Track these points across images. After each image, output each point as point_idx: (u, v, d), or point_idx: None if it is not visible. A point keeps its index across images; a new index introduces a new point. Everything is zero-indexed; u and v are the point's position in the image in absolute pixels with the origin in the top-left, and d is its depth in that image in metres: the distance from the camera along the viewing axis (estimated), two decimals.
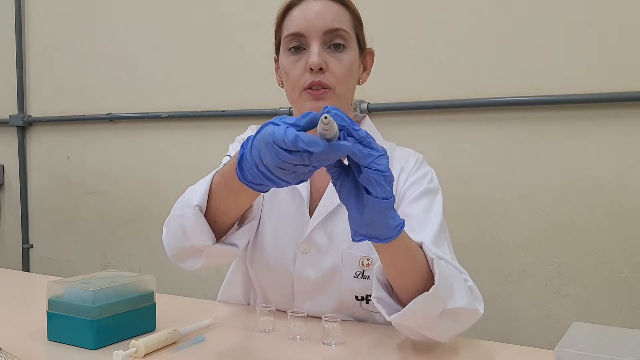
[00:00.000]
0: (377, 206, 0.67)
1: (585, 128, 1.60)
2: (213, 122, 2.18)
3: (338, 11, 0.97)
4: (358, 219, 0.69)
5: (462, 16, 1.74)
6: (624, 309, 1.57)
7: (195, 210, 0.84)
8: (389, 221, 0.70)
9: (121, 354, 0.78)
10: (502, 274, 1.70)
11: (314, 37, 0.95)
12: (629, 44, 1.55)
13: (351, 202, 0.69)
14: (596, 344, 0.69)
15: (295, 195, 1.05)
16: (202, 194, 0.84)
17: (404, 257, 0.79)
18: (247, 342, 0.91)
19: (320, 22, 0.95)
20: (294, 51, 0.98)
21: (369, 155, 0.65)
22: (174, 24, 2.26)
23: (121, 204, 2.42)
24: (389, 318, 0.82)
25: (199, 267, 0.92)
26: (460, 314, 0.83)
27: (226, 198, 0.83)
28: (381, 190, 0.66)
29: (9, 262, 2.67)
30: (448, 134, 1.77)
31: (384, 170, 0.66)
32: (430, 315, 0.80)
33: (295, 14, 0.98)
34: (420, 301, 0.78)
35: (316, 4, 0.97)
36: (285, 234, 1.04)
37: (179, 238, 0.88)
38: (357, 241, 0.72)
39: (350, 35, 0.98)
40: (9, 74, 2.64)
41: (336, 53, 0.97)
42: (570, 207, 1.62)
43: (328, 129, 0.61)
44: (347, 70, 0.97)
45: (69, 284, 0.88)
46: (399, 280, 0.82)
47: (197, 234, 0.85)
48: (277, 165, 0.64)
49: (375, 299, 0.84)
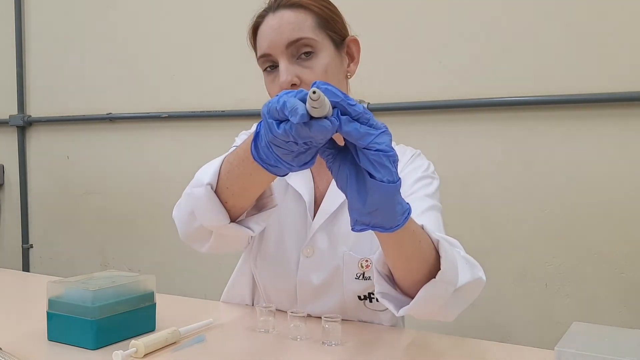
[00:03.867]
0: (382, 191, 0.60)
1: (585, 128, 1.60)
2: (213, 122, 2.18)
3: (296, 19, 0.93)
4: (360, 207, 0.62)
5: (462, 16, 1.74)
6: (624, 309, 1.57)
7: (207, 189, 0.81)
8: (396, 207, 0.64)
9: (121, 354, 0.78)
10: (502, 273, 1.70)
11: (279, 53, 0.93)
12: (629, 44, 1.55)
13: (351, 188, 0.62)
14: (596, 344, 0.69)
15: (299, 198, 1.04)
16: (213, 173, 0.81)
17: (409, 244, 0.73)
18: (247, 342, 0.91)
19: (280, 38, 0.92)
20: (270, 70, 0.96)
21: (367, 135, 0.58)
22: (174, 24, 2.26)
23: (121, 204, 2.42)
24: (398, 313, 0.78)
25: (204, 251, 0.90)
26: (466, 288, 0.81)
27: (239, 178, 0.78)
28: (386, 173, 0.59)
29: (9, 262, 2.67)
30: (448, 134, 1.77)
31: (387, 150, 0.58)
32: (440, 301, 0.78)
33: (260, 33, 0.96)
34: (430, 288, 0.75)
35: (274, 19, 0.94)
36: (288, 238, 1.04)
37: (188, 218, 0.87)
38: (358, 231, 0.65)
39: (315, 40, 0.93)
40: (9, 74, 2.64)
41: (307, 61, 0.93)
42: (570, 207, 1.62)
43: (318, 105, 0.55)
44: (321, 75, 0.93)
45: (69, 284, 0.88)
46: (403, 269, 0.77)
47: (207, 213, 0.83)
48: (271, 141, 0.60)
49: (379, 295, 0.81)
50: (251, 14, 1.01)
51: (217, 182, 0.81)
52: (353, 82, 1.05)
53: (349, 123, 0.58)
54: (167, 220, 2.05)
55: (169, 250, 2.26)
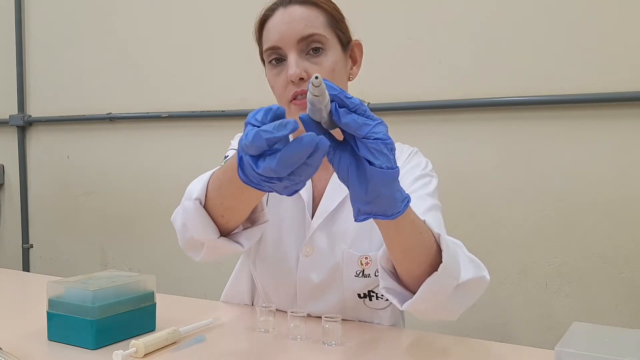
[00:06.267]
0: (382, 178, 0.62)
1: (585, 128, 1.60)
2: (213, 122, 2.18)
3: (309, 15, 0.94)
4: (361, 196, 0.63)
5: (462, 16, 1.74)
6: (624, 309, 1.57)
7: (195, 204, 0.84)
8: (395, 194, 0.66)
9: (121, 354, 0.78)
10: (502, 273, 1.70)
11: (289, 47, 0.93)
12: (629, 44, 1.55)
13: (352, 178, 0.63)
14: (596, 344, 0.69)
15: (298, 198, 1.05)
16: (201, 188, 0.84)
17: (410, 234, 0.75)
18: (247, 342, 0.91)
19: (292, 32, 0.93)
20: (275, 63, 0.96)
21: (365, 125, 0.60)
22: (174, 24, 2.26)
23: (121, 204, 2.42)
24: (402, 308, 0.79)
25: (199, 261, 0.93)
26: (469, 285, 0.82)
27: (232, 195, 0.81)
28: (385, 160, 0.61)
29: (9, 262, 2.67)
30: (448, 134, 1.77)
31: (385, 138, 0.61)
32: (443, 295, 0.78)
33: (269, 26, 0.97)
34: (432, 282, 0.76)
35: (286, 13, 0.95)
36: (287, 238, 1.04)
37: (182, 228, 0.90)
38: (360, 220, 0.66)
39: (326, 37, 0.95)
40: (9, 74, 2.64)
41: (316, 58, 0.94)
42: (570, 207, 1.62)
43: (319, 93, 0.55)
44: (329, 72, 0.95)
45: (69, 284, 0.88)
46: (405, 261, 0.78)
47: (196, 227, 0.85)
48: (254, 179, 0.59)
49: (384, 290, 0.82)
50: (252, 13, 1.01)
51: (208, 197, 0.84)
52: (354, 82, 1.06)
53: (347, 115, 0.60)
54: (167, 220, 2.05)
55: (169, 250, 2.26)
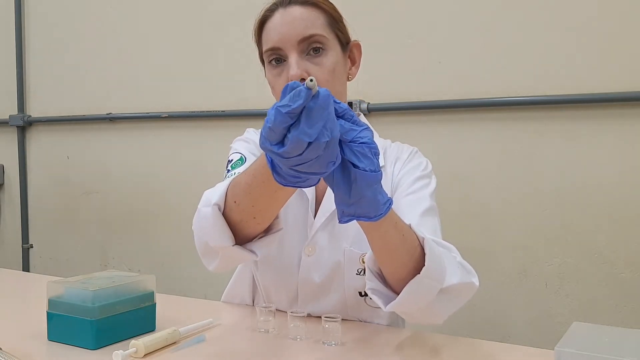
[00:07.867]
0: (366, 180, 0.65)
1: (585, 128, 1.60)
2: (213, 122, 2.18)
3: (310, 16, 0.95)
4: (345, 198, 0.67)
5: (462, 16, 1.74)
6: (624, 309, 1.57)
7: (214, 209, 0.83)
8: (378, 197, 0.68)
9: (121, 354, 0.78)
10: (502, 274, 1.70)
11: (289, 48, 0.93)
12: (629, 44, 1.55)
13: (337, 181, 0.66)
14: (596, 344, 0.69)
15: (302, 197, 1.05)
16: (220, 194, 0.84)
17: (393, 236, 0.77)
18: (247, 342, 0.91)
19: (293, 32, 0.93)
20: (275, 64, 0.96)
21: (352, 130, 0.64)
22: (173, 24, 2.26)
23: (121, 204, 2.42)
24: (385, 309, 0.82)
25: (212, 270, 0.91)
26: (456, 290, 0.83)
27: (265, 195, 0.80)
28: (369, 163, 0.64)
29: (9, 262, 2.66)
30: (448, 134, 1.77)
31: (369, 142, 0.64)
32: (426, 298, 0.80)
33: (269, 27, 0.97)
34: (415, 285, 0.78)
35: (287, 13, 0.95)
36: (290, 238, 1.04)
37: (199, 234, 0.89)
38: (344, 222, 0.69)
39: (326, 37, 0.95)
40: (9, 74, 2.64)
41: (316, 58, 0.95)
42: (570, 207, 1.62)
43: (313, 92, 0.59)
44: (329, 73, 0.95)
45: (69, 284, 0.88)
46: (389, 263, 0.81)
47: (212, 233, 0.85)
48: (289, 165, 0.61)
49: (369, 290, 0.84)
50: (251, 13, 1.01)
51: (234, 203, 0.83)
52: (353, 82, 1.06)
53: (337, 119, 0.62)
54: (167, 220, 2.06)
55: (169, 250, 2.26)
